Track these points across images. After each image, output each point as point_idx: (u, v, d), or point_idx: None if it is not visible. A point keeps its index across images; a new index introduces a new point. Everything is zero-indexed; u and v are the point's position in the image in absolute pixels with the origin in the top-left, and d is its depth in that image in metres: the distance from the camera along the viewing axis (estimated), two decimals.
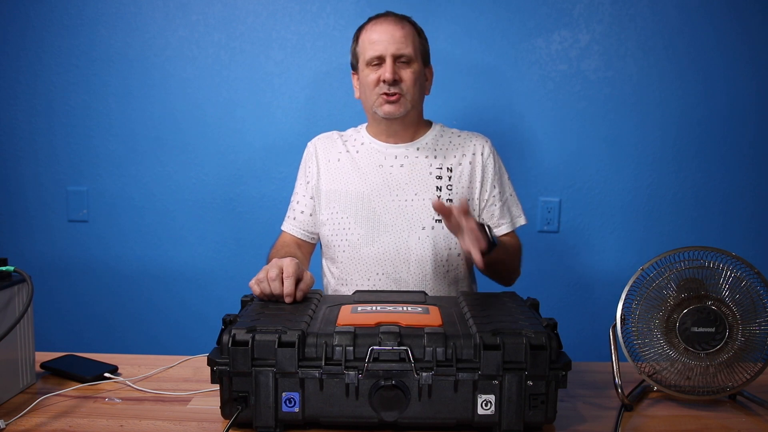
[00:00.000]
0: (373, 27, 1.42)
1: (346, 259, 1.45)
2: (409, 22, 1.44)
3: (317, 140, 1.55)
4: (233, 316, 0.99)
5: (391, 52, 1.38)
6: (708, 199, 2.01)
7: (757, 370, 1.06)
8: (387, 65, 1.37)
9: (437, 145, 1.48)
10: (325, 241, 1.49)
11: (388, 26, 1.40)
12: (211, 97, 2.02)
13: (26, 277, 1.05)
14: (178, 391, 1.09)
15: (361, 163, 1.47)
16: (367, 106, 1.45)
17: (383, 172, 1.45)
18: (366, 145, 1.49)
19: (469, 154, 1.47)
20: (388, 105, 1.39)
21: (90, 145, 2.05)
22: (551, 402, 0.92)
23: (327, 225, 1.47)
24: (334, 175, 1.48)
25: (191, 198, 2.06)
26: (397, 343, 0.90)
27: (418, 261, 1.42)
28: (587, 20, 1.95)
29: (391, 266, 1.42)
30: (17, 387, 1.07)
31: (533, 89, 1.99)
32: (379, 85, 1.39)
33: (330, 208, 1.46)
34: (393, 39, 1.38)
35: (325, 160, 1.50)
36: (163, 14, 1.99)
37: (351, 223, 1.44)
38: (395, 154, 1.46)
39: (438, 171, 1.44)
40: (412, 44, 1.40)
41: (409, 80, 1.39)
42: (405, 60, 1.39)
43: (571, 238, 2.04)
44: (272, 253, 1.46)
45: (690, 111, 1.98)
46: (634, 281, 1.09)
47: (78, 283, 2.10)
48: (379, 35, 1.39)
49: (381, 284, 1.43)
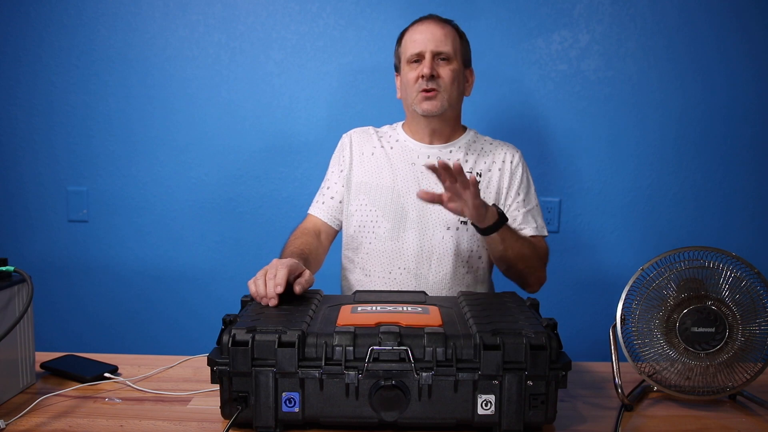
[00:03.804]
0: (416, 27, 1.47)
1: (371, 251, 1.47)
2: (452, 25, 1.49)
3: (353, 133, 1.58)
4: (233, 316, 0.99)
5: (430, 49, 1.42)
6: (708, 199, 2.01)
7: (757, 370, 1.06)
8: (426, 60, 1.42)
9: (470, 149, 1.51)
10: (351, 232, 1.51)
11: (429, 26, 1.45)
12: (211, 97, 2.02)
13: (26, 277, 1.05)
14: (178, 391, 1.09)
15: (394, 159, 1.50)
16: (407, 104, 1.49)
17: (415, 169, 1.48)
18: (401, 142, 1.52)
19: (498, 161, 1.50)
20: (426, 102, 1.43)
21: (90, 145, 2.05)
22: (551, 402, 0.92)
23: (355, 216, 1.49)
24: (367, 167, 1.51)
25: (191, 198, 2.06)
26: (397, 343, 0.90)
27: (440, 260, 1.44)
28: (587, 20, 1.95)
29: (414, 262, 1.45)
30: (17, 387, 1.07)
31: (533, 89, 1.99)
32: (419, 82, 1.42)
33: (359, 200, 1.49)
34: (433, 37, 1.43)
35: (359, 153, 1.53)
36: (163, 14, 1.99)
37: (379, 216, 1.46)
38: (428, 153, 1.49)
39: (468, 174, 1.44)
40: (451, 43, 1.44)
41: (447, 77, 1.43)
42: (444, 57, 1.43)
43: (571, 238, 2.04)
44: (289, 241, 1.45)
45: (690, 111, 1.98)
46: (634, 281, 1.09)
47: (78, 283, 2.10)
48: (420, 34, 1.45)
49: (402, 278, 1.45)
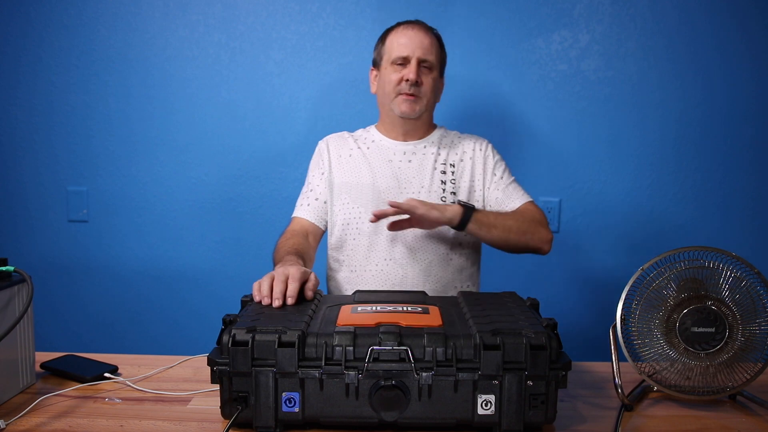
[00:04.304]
0: (404, 30, 1.52)
1: (355, 247, 1.52)
2: (436, 34, 1.55)
3: (329, 138, 1.63)
4: (233, 316, 0.99)
5: (417, 56, 1.48)
6: (708, 199, 2.01)
7: (757, 370, 1.06)
8: (412, 66, 1.47)
9: (441, 143, 1.57)
10: (336, 231, 1.54)
11: (418, 32, 1.50)
12: (211, 97, 2.02)
13: (26, 277, 1.05)
14: (178, 391, 1.09)
15: (371, 158, 1.55)
16: (384, 102, 1.54)
17: (392, 166, 1.54)
18: (376, 142, 1.58)
19: (469, 152, 1.56)
20: (406, 104, 1.49)
21: (90, 145, 2.05)
22: (551, 402, 0.92)
23: (339, 215, 1.54)
24: (346, 169, 1.56)
25: (191, 198, 2.06)
26: (397, 343, 0.90)
27: (424, 249, 1.49)
28: (587, 20, 1.95)
29: (399, 253, 1.50)
30: (17, 387, 1.07)
31: (533, 89, 1.99)
32: (401, 84, 1.48)
33: (341, 200, 1.54)
34: (421, 44, 1.48)
35: (336, 156, 1.58)
36: (163, 14, 1.99)
37: (362, 213, 1.51)
38: (404, 150, 1.56)
39: (442, 167, 1.53)
40: (435, 53, 1.51)
41: (428, 85, 1.50)
42: (428, 66, 1.49)
43: (571, 238, 2.04)
44: (280, 243, 1.46)
45: (690, 111, 1.98)
46: (634, 281, 1.09)
47: (78, 283, 2.10)
48: (408, 39, 1.49)
49: (389, 269, 1.49)
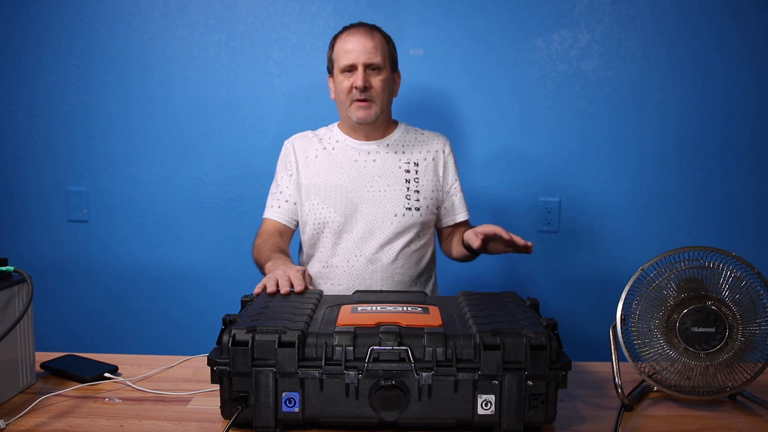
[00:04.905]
0: (346, 37, 1.54)
1: (328, 245, 1.57)
2: (379, 32, 1.57)
3: (294, 139, 1.66)
4: (233, 316, 0.99)
5: (362, 61, 1.50)
6: (708, 199, 2.01)
7: (757, 370, 1.06)
8: (359, 73, 1.50)
9: (404, 142, 1.63)
10: (308, 230, 1.59)
11: (360, 37, 1.52)
12: (211, 97, 2.02)
13: (26, 277, 1.05)
14: (178, 391, 1.09)
15: (338, 159, 1.59)
16: (342, 108, 1.58)
17: (358, 166, 1.58)
18: (341, 142, 1.62)
19: (432, 151, 1.62)
20: (360, 111, 1.53)
21: (90, 145, 2.05)
22: (551, 402, 0.92)
23: (309, 216, 1.58)
24: (313, 170, 1.60)
25: (191, 198, 2.06)
26: (397, 343, 0.90)
27: (390, 243, 1.56)
28: (587, 20, 1.95)
29: (368, 248, 1.55)
30: (17, 387, 1.07)
31: (533, 89, 1.99)
32: (352, 91, 1.52)
33: (311, 200, 1.58)
34: (364, 49, 1.51)
35: (303, 157, 1.62)
36: (163, 14, 1.99)
37: (331, 213, 1.56)
38: (368, 150, 1.60)
39: (406, 165, 1.59)
40: (381, 53, 1.53)
41: (378, 87, 1.53)
42: (375, 68, 1.52)
43: (571, 238, 2.04)
44: (259, 243, 1.56)
45: (690, 111, 1.98)
46: (634, 281, 1.09)
47: (78, 283, 2.10)
48: (352, 45, 1.52)
49: (359, 264, 1.55)
